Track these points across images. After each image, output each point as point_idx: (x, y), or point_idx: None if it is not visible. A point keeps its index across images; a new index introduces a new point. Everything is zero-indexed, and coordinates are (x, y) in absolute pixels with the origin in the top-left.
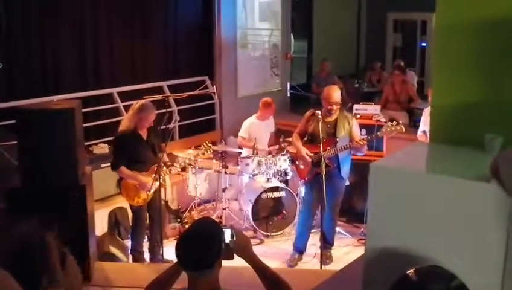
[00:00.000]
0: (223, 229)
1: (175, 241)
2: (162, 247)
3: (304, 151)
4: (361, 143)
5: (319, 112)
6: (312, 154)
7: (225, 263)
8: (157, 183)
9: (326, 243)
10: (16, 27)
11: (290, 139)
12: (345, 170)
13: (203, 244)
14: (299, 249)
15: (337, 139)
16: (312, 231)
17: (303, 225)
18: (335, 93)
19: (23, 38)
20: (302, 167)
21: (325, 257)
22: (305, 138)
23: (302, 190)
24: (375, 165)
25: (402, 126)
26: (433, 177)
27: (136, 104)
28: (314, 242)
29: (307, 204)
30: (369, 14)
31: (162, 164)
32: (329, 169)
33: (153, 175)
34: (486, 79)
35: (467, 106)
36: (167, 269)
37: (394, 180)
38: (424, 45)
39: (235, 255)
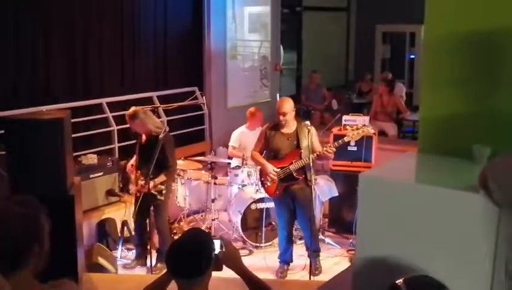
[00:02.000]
0: (213, 240)
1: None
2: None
3: (270, 167)
4: (330, 151)
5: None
6: (278, 170)
7: (214, 273)
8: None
9: (313, 250)
10: (4, 37)
11: None
12: (309, 176)
13: (194, 253)
14: (286, 261)
15: (302, 151)
16: (299, 242)
17: (285, 240)
18: (285, 104)
19: (12, 47)
20: (269, 184)
21: (314, 267)
22: (269, 154)
23: None
24: (365, 175)
25: (369, 129)
26: (421, 187)
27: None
28: (302, 253)
29: (282, 220)
30: (358, 26)
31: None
32: (298, 181)
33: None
34: (474, 91)
35: (455, 117)
36: (157, 277)
37: (383, 190)
38: (412, 56)
39: (224, 266)
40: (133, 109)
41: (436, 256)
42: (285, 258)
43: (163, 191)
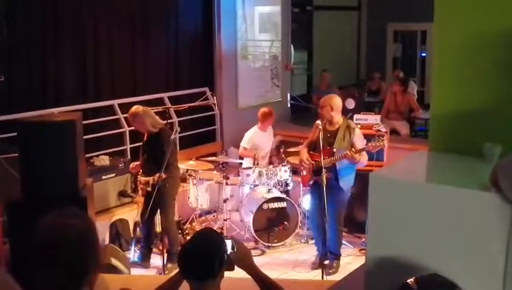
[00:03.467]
0: (225, 240)
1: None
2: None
3: (305, 157)
4: (352, 154)
5: (319, 122)
6: (312, 162)
7: (226, 273)
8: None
9: (331, 253)
10: (16, 39)
11: (290, 149)
12: (345, 181)
13: (206, 254)
14: (319, 250)
15: (334, 150)
16: (312, 242)
17: (314, 227)
18: (333, 99)
19: (24, 51)
20: (304, 173)
21: (329, 267)
22: (311, 146)
23: (303, 200)
24: (375, 175)
25: (385, 142)
26: (432, 186)
27: None
28: (315, 252)
29: (311, 209)
30: (369, 25)
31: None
32: (327, 178)
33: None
34: (485, 88)
35: (466, 116)
36: (169, 278)
37: (394, 189)
38: (424, 54)
39: (235, 266)
40: (133, 108)
41: (448, 255)
42: (317, 245)
43: (167, 185)
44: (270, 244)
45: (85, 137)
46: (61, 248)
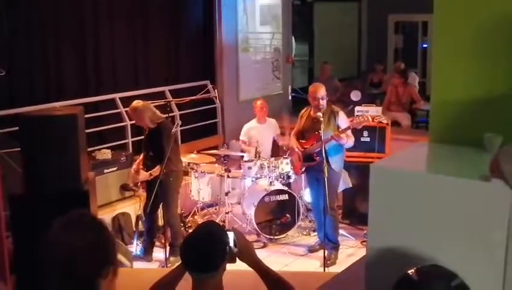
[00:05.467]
0: (227, 233)
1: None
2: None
3: (295, 145)
4: (338, 134)
5: (320, 114)
6: (300, 149)
7: (228, 266)
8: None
9: (330, 242)
10: (17, 33)
11: None
12: (335, 161)
13: (208, 246)
14: (320, 238)
15: (321, 133)
16: (314, 234)
17: (319, 214)
18: (320, 89)
19: (25, 45)
20: (294, 162)
21: (327, 258)
22: (299, 135)
23: (305, 193)
24: (375, 166)
25: (369, 116)
26: (433, 177)
27: None
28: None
29: (311, 195)
30: (370, 16)
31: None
32: (317, 162)
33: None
34: (485, 78)
35: (467, 106)
36: (171, 270)
37: (394, 180)
38: (425, 46)
39: (237, 259)
40: (133, 103)
41: (448, 246)
42: (318, 232)
43: (170, 179)
44: (272, 237)
45: (87, 131)
46: (71, 265)
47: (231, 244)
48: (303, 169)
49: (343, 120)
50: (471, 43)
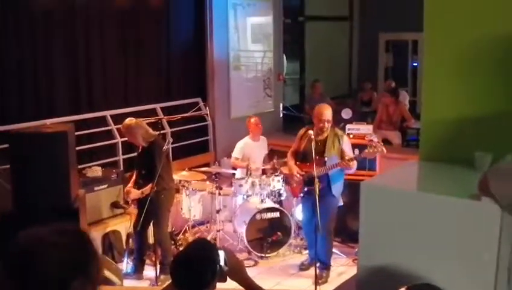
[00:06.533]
0: (218, 251)
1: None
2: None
3: (295, 170)
4: (348, 163)
5: (311, 131)
6: (303, 173)
7: (219, 285)
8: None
9: (322, 263)
10: (7, 50)
11: (284, 159)
12: (336, 187)
13: (199, 265)
14: (311, 256)
15: (326, 159)
16: (305, 252)
17: (308, 236)
18: (326, 111)
19: (15, 61)
20: (294, 185)
21: (319, 277)
22: (299, 156)
23: (296, 210)
24: (366, 183)
25: (383, 148)
26: (423, 195)
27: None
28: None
29: (304, 218)
30: (360, 35)
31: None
32: (319, 188)
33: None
34: (475, 97)
35: (457, 124)
36: (161, 289)
37: (385, 198)
38: (415, 64)
39: (228, 277)
40: (126, 120)
41: (439, 264)
42: (310, 253)
43: (161, 197)
44: (263, 255)
45: (78, 148)
46: (34, 263)
47: (221, 263)
48: (302, 193)
49: (347, 145)
50: (461, 62)
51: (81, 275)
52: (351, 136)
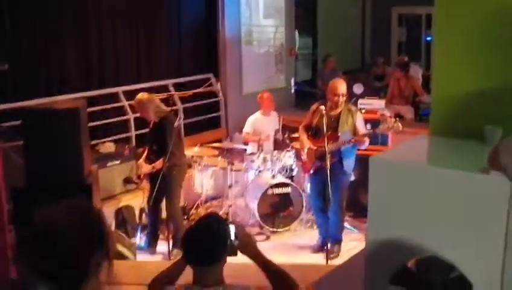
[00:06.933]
0: (229, 225)
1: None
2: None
3: (307, 145)
4: (362, 138)
5: (323, 107)
6: (314, 148)
7: (230, 259)
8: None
9: (333, 238)
10: (19, 27)
11: (295, 135)
12: (348, 163)
13: (210, 239)
14: (322, 234)
15: (339, 134)
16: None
17: (319, 212)
18: (341, 85)
19: (27, 39)
20: (305, 159)
21: (330, 252)
22: (310, 132)
23: (307, 186)
24: (375, 158)
25: (399, 124)
26: (432, 169)
27: None
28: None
29: (313, 195)
30: (373, 9)
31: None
32: (331, 163)
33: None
34: (486, 71)
35: (467, 99)
36: (172, 263)
37: (394, 172)
38: (429, 38)
39: (239, 251)
40: (138, 95)
41: (447, 237)
42: (324, 233)
43: (173, 172)
44: (275, 230)
45: (90, 124)
46: (53, 239)
47: (232, 237)
48: (314, 168)
49: (360, 121)
50: (472, 36)
51: (98, 250)
52: (363, 111)
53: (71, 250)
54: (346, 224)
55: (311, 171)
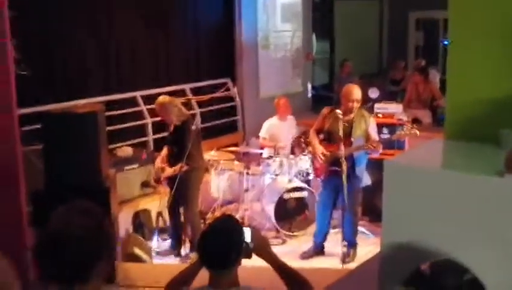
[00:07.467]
0: (243, 228)
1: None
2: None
3: (319, 150)
4: (374, 146)
5: (339, 111)
6: (328, 153)
7: (245, 262)
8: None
9: (348, 242)
10: (38, 33)
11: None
12: (360, 169)
13: (226, 243)
14: (317, 243)
15: (352, 140)
16: (335, 230)
17: (322, 220)
18: (355, 90)
19: (46, 44)
20: (318, 165)
21: (346, 256)
22: (322, 136)
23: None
24: (390, 162)
25: (417, 131)
26: (447, 173)
27: None
28: (336, 242)
29: (321, 202)
30: (391, 14)
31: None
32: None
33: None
34: (500, 75)
35: (482, 103)
36: (188, 266)
37: (409, 176)
38: (446, 42)
39: (253, 254)
40: (160, 98)
41: (462, 241)
42: (317, 240)
43: (191, 176)
44: (291, 234)
45: (108, 128)
46: (63, 244)
47: (247, 240)
48: (327, 173)
49: (373, 127)
50: (487, 41)
51: (105, 254)
52: (380, 115)
53: (80, 254)
54: (362, 229)
55: (324, 176)
